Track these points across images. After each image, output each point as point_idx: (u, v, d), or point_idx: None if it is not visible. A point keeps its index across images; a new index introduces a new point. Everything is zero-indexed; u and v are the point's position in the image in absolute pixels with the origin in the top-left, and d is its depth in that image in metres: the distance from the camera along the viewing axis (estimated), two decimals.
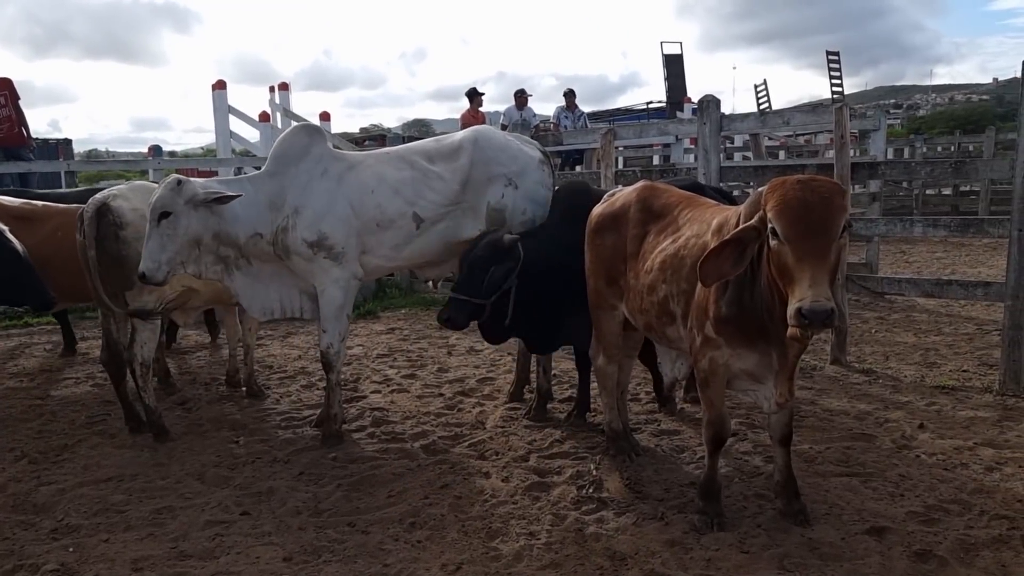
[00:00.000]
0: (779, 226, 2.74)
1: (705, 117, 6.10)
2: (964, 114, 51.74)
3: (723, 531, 3.28)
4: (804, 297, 2.62)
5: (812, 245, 2.69)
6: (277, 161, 4.44)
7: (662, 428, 4.64)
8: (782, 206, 2.76)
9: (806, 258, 2.68)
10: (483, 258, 4.27)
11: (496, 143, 5.00)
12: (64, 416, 5.10)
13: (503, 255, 4.27)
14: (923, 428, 4.45)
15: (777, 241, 2.76)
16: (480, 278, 4.24)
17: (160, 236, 3.99)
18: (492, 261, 4.25)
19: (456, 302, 4.25)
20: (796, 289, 2.67)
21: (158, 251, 3.99)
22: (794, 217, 2.73)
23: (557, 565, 3.08)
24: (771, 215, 2.78)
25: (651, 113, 19.56)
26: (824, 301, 2.60)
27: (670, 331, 3.60)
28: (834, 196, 2.78)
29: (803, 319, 2.60)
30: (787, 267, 2.73)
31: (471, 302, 4.23)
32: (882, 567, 2.98)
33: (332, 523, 3.50)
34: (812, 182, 2.83)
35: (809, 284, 2.64)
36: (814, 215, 2.72)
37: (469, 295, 4.23)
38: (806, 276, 2.66)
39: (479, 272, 4.25)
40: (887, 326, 7.23)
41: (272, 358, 6.58)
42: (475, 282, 4.24)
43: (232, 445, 4.52)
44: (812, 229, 2.71)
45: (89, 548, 3.31)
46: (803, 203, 2.73)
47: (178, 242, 4.04)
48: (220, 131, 12.66)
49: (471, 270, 4.27)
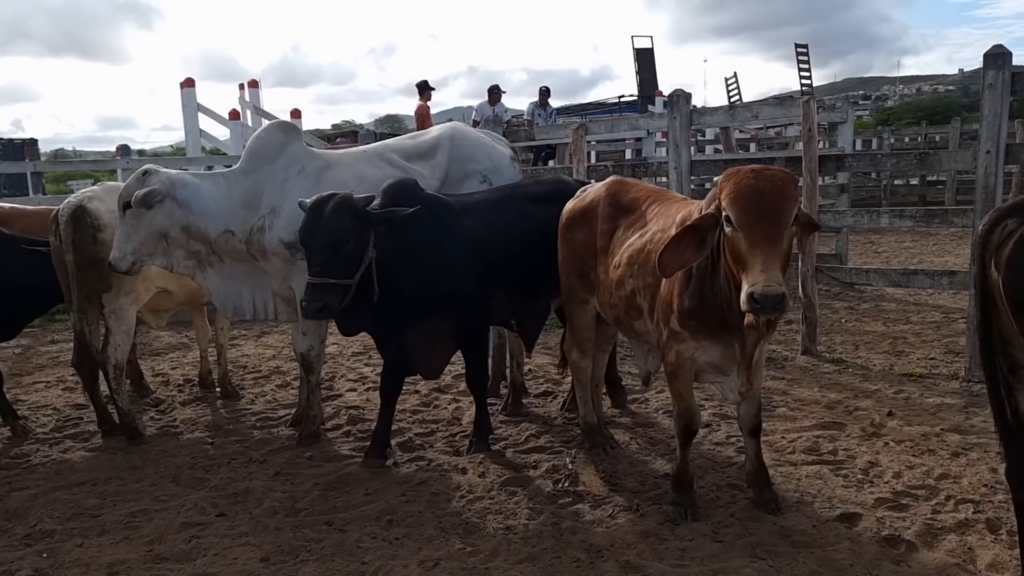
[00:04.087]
0: (732, 213, 2.79)
1: (675, 111, 6.15)
2: (931, 105, 52.46)
3: (697, 521, 3.34)
4: (756, 282, 2.66)
5: (764, 232, 2.74)
6: (252, 159, 4.41)
7: (637, 421, 4.69)
8: (735, 194, 2.81)
9: (758, 244, 2.73)
10: (339, 229, 3.65)
11: (472, 140, 5.03)
12: (35, 420, 5.04)
13: (359, 221, 3.69)
14: (892, 416, 4.53)
15: (731, 228, 2.81)
16: (341, 254, 3.66)
17: (125, 226, 4.02)
18: (350, 231, 3.67)
19: (321, 288, 3.61)
20: (748, 275, 2.71)
21: (123, 241, 4.02)
22: (747, 205, 2.78)
23: (534, 559, 3.11)
24: (725, 203, 2.83)
25: (623, 107, 19.63)
26: (775, 286, 2.65)
27: (638, 325, 3.64)
28: (786, 185, 2.84)
29: (755, 303, 2.65)
30: (740, 253, 2.78)
31: (338, 284, 3.64)
32: (852, 553, 3.04)
33: (309, 522, 3.50)
34: (765, 171, 2.88)
35: (761, 269, 2.69)
36: (766, 203, 2.77)
37: (334, 277, 3.64)
38: (758, 262, 2.71)
39: (339, 246, 3.64)
40: (856, 316, 7.34)
41: (246, 358, 6.54)
42: (336, 260, 3.65)
43: (207, 446, 4.50)
44: (764, 216, 2.76)
45: (63, 553, 3.28)
46: (755, 191, 2.78)
47: (142, 232, 4.05)
48: (189, 129, 12.53)
49: (327, 246, 3.63)
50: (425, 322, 3.99)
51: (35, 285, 4.56)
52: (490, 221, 4.19)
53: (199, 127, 12.60)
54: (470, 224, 4.12)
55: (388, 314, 3.93)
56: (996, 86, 4.80)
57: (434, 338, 4.06)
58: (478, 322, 4.25)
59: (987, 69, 4.85)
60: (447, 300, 3.96)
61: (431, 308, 3.96)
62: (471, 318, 4.14)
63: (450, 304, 3.99)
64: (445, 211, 4.09)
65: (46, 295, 4.62)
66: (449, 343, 4.17)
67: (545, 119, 13.48)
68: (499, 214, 4.27)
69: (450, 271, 3.95)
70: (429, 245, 3.93)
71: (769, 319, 2.84)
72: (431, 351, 4.10)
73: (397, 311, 3.93)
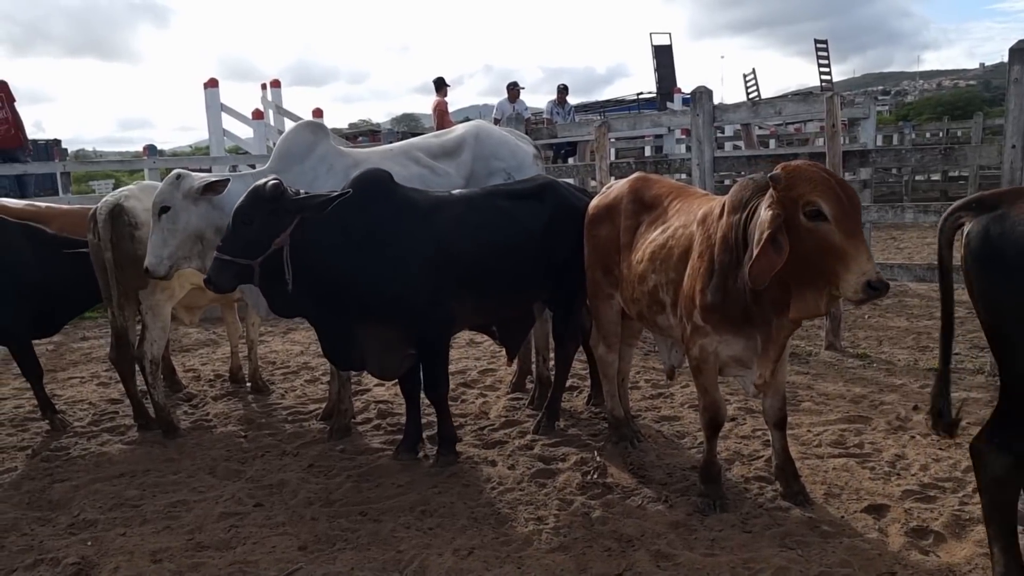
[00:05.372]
0: (828, 205, 2.80)
1: (698, 108, 6.18)
2: (952, 100, 51.95)
3: (726, 512, 3.38)
4: (867, 270, 2.73)
5: (856, 221, 2.82)
6: (282, 159, 4.50)
7: (663, 415, 4.74)
8: (824, 188, 2.83)
9: (856, 233, 2.79)
10: (245, 210, 3.69)
11: (496, 138, 5.11)
12: (72, 415, 5.16)
13: (268, 206, 3.69)
14: (917, 410, 4.55)
15: (820, 221, 2.81)
16: (243, 234, 3.68)
17: (161, 231, 4.06)
18: (255, 214, 3.68)
19: (219, 262, 3.68)
20: (853, 263, 2.75)
21: (160, 246, 4.06)
22: (837, 196, 2.82)
23: (566, 548, 3.17)
24: (817, 196, 2.82)
25: (641, 104, 19.64)
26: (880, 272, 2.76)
27: (660, 319, 3.69)
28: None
29: (873, 291, 2.73)
30: (834, 245, 2.78)
31: (235, 263, 3.67)
32: (881, 543, 3.08)
33: (344, 513, 3.58)
34: (817, 166, 2.97)
35: (867, 257, 2.76)
36: (848, 192, 2.87)
37: (232, 255, 3.68)
38: (862, 250, 2.77)
39: (241, 227, 3.69)
40: (880, 311, 7.34)
41: (274, 354, 6.64)
42: (237, 239, 3.68)
43: (240, 440, 4.60)
44: (853, 206, 2.84)
45: (107, 542, 3.38)
46: (835, 184, 2.86)
47: (179, 236, 4.09)
48: (213, 129, 12.68)
49: (234, 224, 3.70)
50: (371, 321, 3.88)
51: (76, 283, 4.68)
52: (463, 220, 4.06)
53: (223, 127, 12.75)
54: (435, 223, 3.97)
55: (326, 306, 3.86)
56: (1022, 81, 4.81)
57: (384, 339, 3.94)
58: (433, 327, 4.00)
59: (1012, 63, 4.85)
60: (392, 300, 3.83)
61: (374, 307, 3.84)
62: (423, 322, 3.94)
63: (396, 305, 3.85)
64: (406, 207, 3.94)
65: (86, 293, 4.74)
66: (402, 346, 4.00)
67: (563, 117, 13.55)
68: (475, 212, 4.13)
69: (395, 270, 3.82)
70: (374, 240, 3.83)
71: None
72: (382, 352, 3.99)
73: (336, 305, 3.84)
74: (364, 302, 3.83)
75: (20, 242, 4.68)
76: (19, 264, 4.63)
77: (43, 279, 4.66)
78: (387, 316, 3.87)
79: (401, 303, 3.85)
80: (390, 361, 4.03)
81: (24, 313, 4.69)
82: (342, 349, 3.99)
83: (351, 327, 3.89)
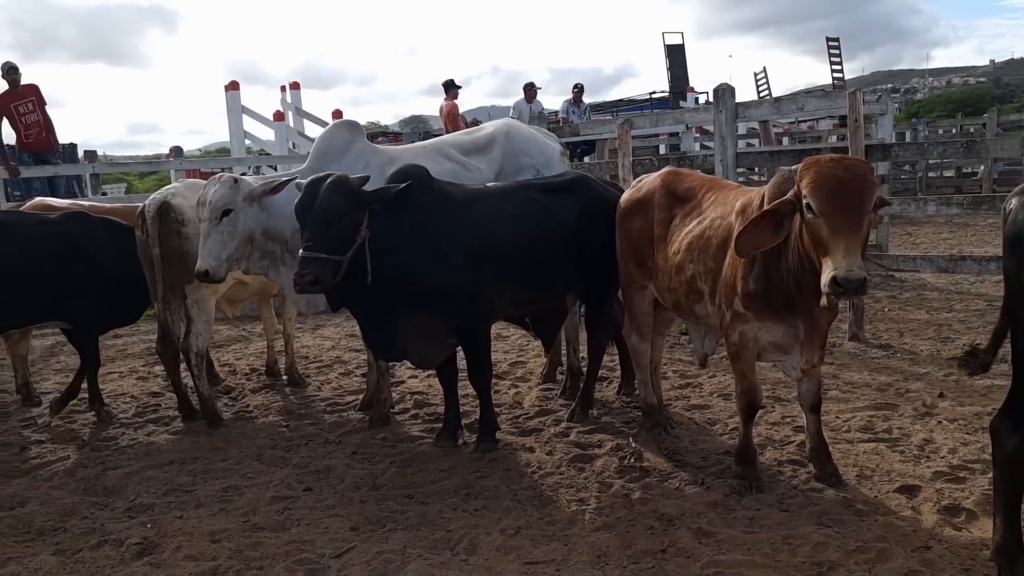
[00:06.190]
0: (814, 200, 2.93)
1: (721, 105, 6.30)
2: (962, 97, 51.86)
3: (762, 493, 3.50)
4: (839, 267, 2.82)
5: (845, 218, 2.89)
6: (320, 158, 4.64)
7: (692, 403, 4.85)
8: (817, 182, 2.95)
9: (840, 231, 2.88)
10: (338, 205, 3.71)
11: (525, 136, 5.25)
12: (115, 407, 5.31)
13: (355, 199, 3.76)
14: (942, 397, 4.65)
15: (812, 215, 2.95)
16: (336, 229, 3.71)
17: (221, 234, 4.14)
18: (347, 208, 3.73)
19: (318, 261, 3.65)
20: (830, 260, 2.86)
21: (219, 249, 4.13)
22: (829, 192, 2.92)
23: (610, 527, 3.29)
24: (807, 191, 2.96)
25: (655, 103, 19.74)
26: (857, 270, 2.80)
27: (698, 308, 3.81)
28: (866, 173, 2.99)
29: (838, 287, 2.81)
30: (821, 239, 2.92)
31: (331, 260, 3.68)
32: (915, 520, 3.19)
33: (391, 496, 3.71)
34: (844, 160, 3.06)
35: (843, 255, 2.84)
36: (847, 191, 2.92)
37: (328, 252, 3.68)
38: (840, 247, 2.86)
39: (335, 222, 3.70)
40: (899, 304, 7.42)
41: (306, 349, 6.78)
42: (330, 235, 3.69)
43: (282, 429, 4.74)
44: (846, 204, 2.90)
45: (166, 524, 3.51)
46: (837, 179, 2.93)
47: (237, 239, 4.20)
48: (234, 131, 12.86)
49: (325, 221, 3.69)
50: (415, 311, 3.95)
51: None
52: (501, 213, 4.17)
53: (243, 129, 12.93)
54: (475, 216, 4.07)
55: (374, 298, 3.91)
56: None
57: (425, 329, 4.02)
58: (476, 316, 4.12)
59: None
60: (437, 290, 3.92)
61: (420, 297, 3.93)
62: (466, 312, 4.05)
63: (441, 295, 3.93)
64: (447, 201, 4.04)
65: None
66: (443, 336, 4.11)
67: (579, 116, 13.69)
68: (512, 205, 4.24)
69: (441, 261, 3.91)
70: (424, 233, 3.91)
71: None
72: (423, 342, 4.07)
73: (384, 296, 3.91)
74: (411, 292, 3.92)
75: (102, 235, 4.89)
76: (102, 256, 4.84)
77: (122, 271, 4.86)
78: (432, 306, 3.96)
79: (446, 293, 3.94)
80: (430, 351, 4.15)
81: (106, 303, 4.90)
82: (387, 340, 4.09)
83: (396, 318, 3.99)
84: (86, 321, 4.93)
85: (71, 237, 4.84)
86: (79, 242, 4.84)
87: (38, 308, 4.80)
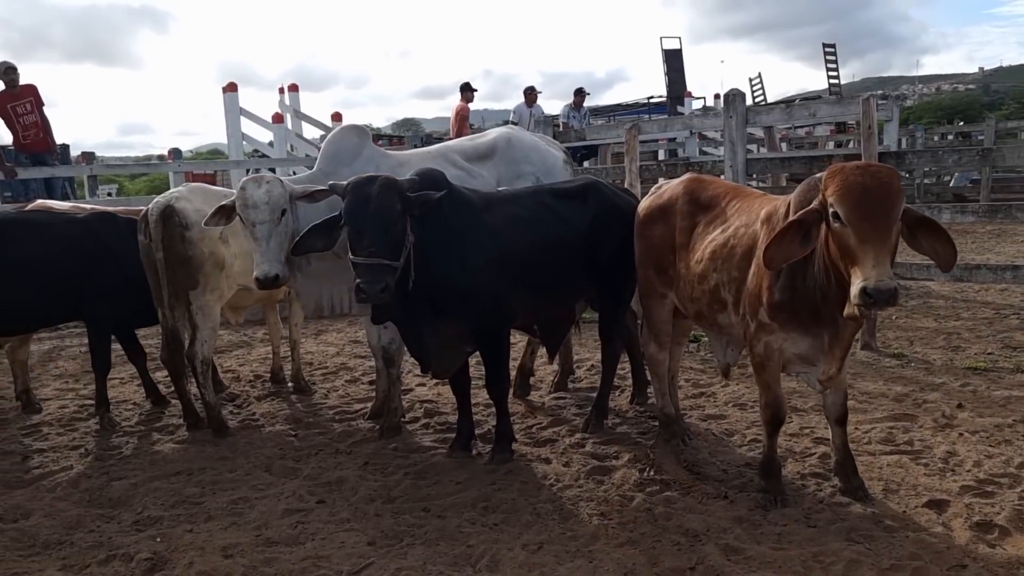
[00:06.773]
0: (842, 209, 2.86)
1: (731, 110, 6.24)
2: (951, 104, 52.18)
3: (787, 507, 3.43)
4: (868, 277, 2.75)
5: (873, 227, 2.82)
6: (330, 161, 4.55)
7: (708, 413, 4.78)
8: (843, 190, 2.88)
9: (869, 239, 2.81)
10: (393, 210, 3.55)
11: (527, 143, 5.20)
12: (118, 414, 5.20)
13: (406, 203, 3.61)
14: (962, 408, 4.60)
15: (839, 224, 2.88)
16: (392, 235, 3.54)
17: (280, 235, 4.01)
18: (401, 213, 3.58)
19: (379, 268, 3.47)
20: (859, 269, 2.79)
21: (280, 251, 4.00)
22: (856, 201, 2.85)
23: (634, 542, 3.21)
24: (833, 199, 2.90)
25: (652, 108, 19.71)
26: (888, 280, 2.74)
27: (721, 318, 3.74)
28: (892, 180, 2.92)
29: (868, 298, 2.74)
30: (849, 249, 2.85)
31: (391, 266, 3.53)
32: (947, 536, 3.13)
33: (407, 509, 3.62)
34: (871, 167, 2.99)
35: (872, 264, 2.77)
36: (874, 198, 2.85)
37: (388, 257, 3.52)
38: (869, 257, 2.79)
39: (391, 227, 3.55)
40: (907, 312, 7.38)
41: (310, 355, 6.68)
42: (388, 240, 3.53)
43: (291, 438, 4.64)
44: (874, 212, 2.84)
45: (175, 538, 3.41)
46: (863, 187, 2.86)
47: (288, 240, 4.05)
48: (232, 133, 12.74)
49: (382, 225, 3.52)
50: (439, 318, 3.88)
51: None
52: (516, 218, 4.11)
53: (241, 131, 12.82)
54: (491, 220, 4.01)
55: (411, 306, 3.83)
56: None
57: (445, 336, 3.95)
58: (496, 323, 4.06)
59: None
60: (461, 296, 3.85)
61: (446, 303, 3.85)
62: (487, 318, 3.98)
63: (464, 301, 3.86)
64: (466, 205, 3.97)
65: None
66: (460, 343, 4.04)
67: (579, 120, 13.62)
68: (526, 210, 4.19)
69: (465, 266, 3.84)
70: (447, 238, 3.84)
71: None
72: (441, 348, 4.00)
73: (418, 304, 3.83)
74: (438, 298, 3.85)
75: (127, 236, 4.79)
76: (127, 257, 4.75)
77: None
78: (454, 313, 3.89)
79: (469, 299, 3.87)
80: (448, 358, 4.07)
81: (129, 304, 4.83)
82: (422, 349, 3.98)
83: (427, 327, 3.91)
84: (106, 321, 4.91)
85: (101, 236, 4.83)
86: (109, 242, 4.83)
87: (63, 306, 4.83)
